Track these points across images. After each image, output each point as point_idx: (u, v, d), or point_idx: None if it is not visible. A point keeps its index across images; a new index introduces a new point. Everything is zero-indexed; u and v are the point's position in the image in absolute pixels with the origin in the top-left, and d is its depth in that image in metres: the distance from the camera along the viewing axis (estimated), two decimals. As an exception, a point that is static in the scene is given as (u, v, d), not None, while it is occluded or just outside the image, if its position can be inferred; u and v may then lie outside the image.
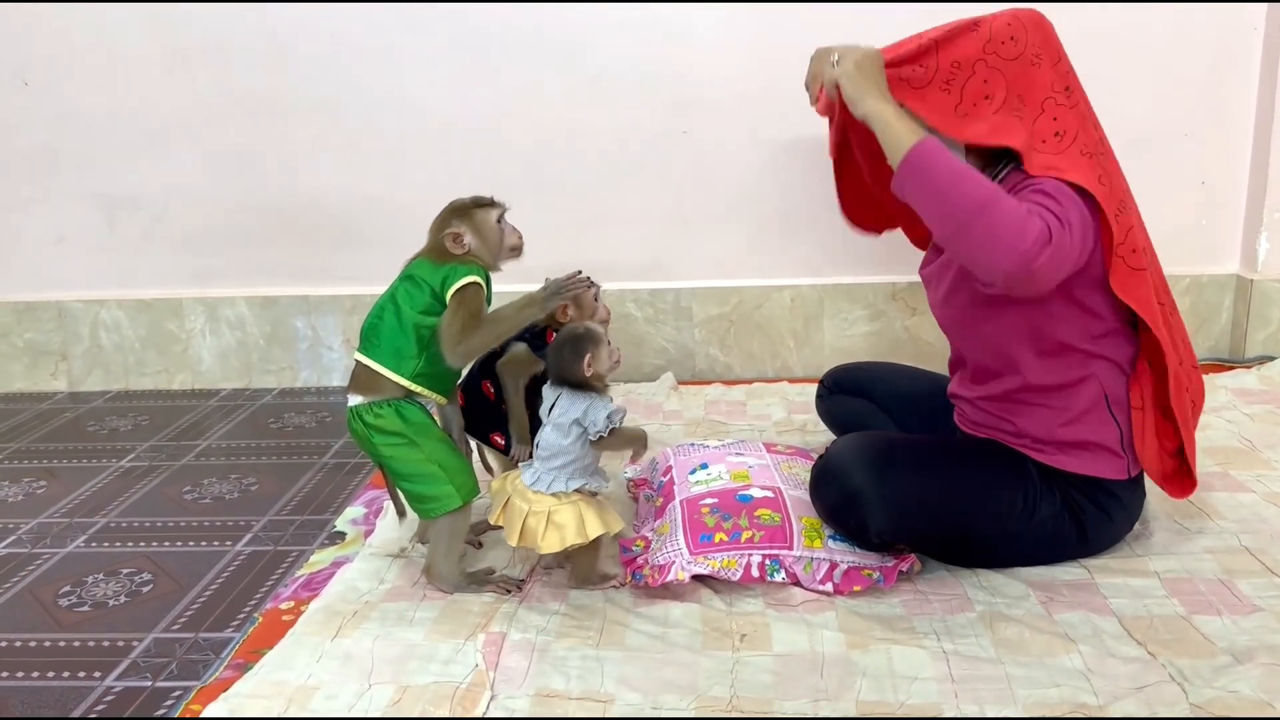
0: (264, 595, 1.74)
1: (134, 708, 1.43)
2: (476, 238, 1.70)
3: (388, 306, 1.66)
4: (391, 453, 1.64)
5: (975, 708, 1.31)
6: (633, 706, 1.34)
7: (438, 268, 1.65)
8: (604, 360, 1.63)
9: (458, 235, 1.67)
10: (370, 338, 1.67)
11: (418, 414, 1.65)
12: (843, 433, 2.12)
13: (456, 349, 1.63)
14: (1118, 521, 1.67)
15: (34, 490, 2.27)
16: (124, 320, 3.01)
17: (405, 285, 1.67)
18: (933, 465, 1.63)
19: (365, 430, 1.64)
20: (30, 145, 2.91)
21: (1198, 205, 2.82)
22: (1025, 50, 1.53)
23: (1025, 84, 1.53)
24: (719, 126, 2.78)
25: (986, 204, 1.38)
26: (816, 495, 1.67)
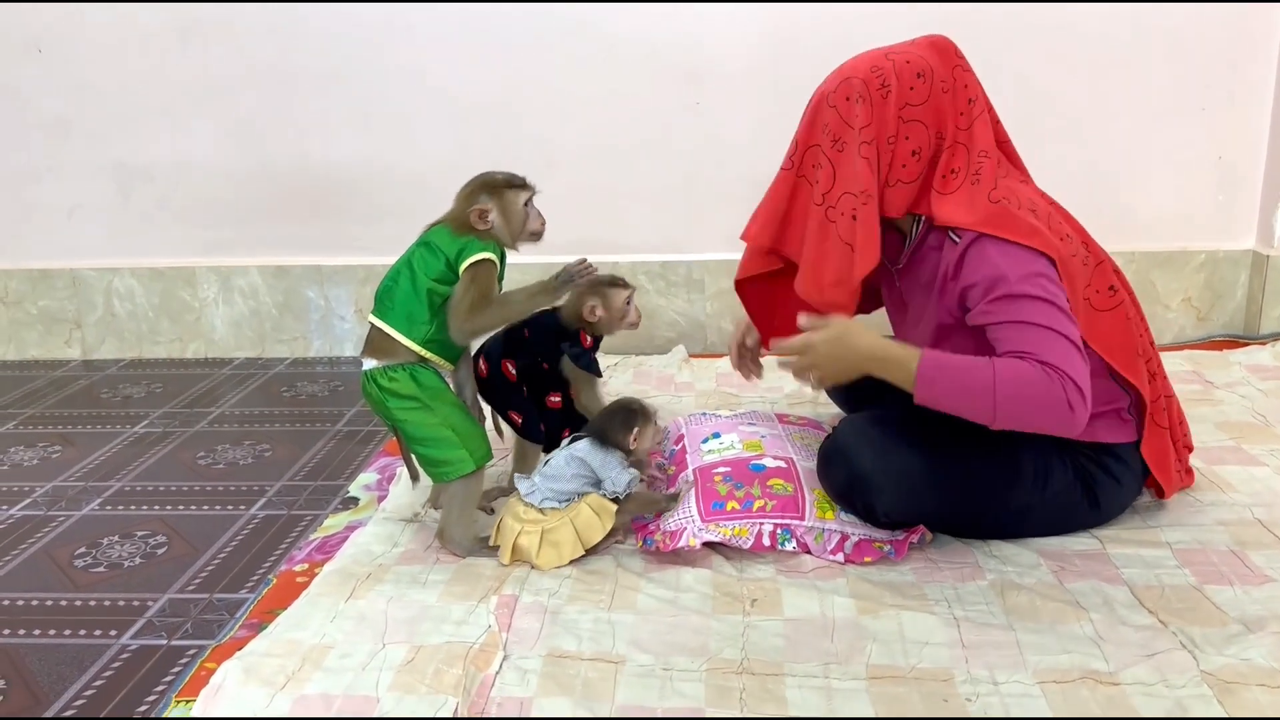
0: (278, 558, 1.76)
1: (149, 665, 1.44)
2: (501, 217, 1.69)
3: (403, 271, 1.67)
4: (405, 416, 1.65)
5: (986, 673, 1.31)
6: (644, 668, 1.35)
7: (455, 238, 1.65)
8: (647, 439, 1.71)
9: (484, 211, 1.66)
10: (384, 301, 1.67)
11: (432, 378, 1.65)
12: (853, 407, 2.12)
13: (464, 326, 1.64)
14: (1126, 486, 1.66)
15: (49, 455, 2.29)
16: (137, 289, 3.02)
17: (422, 251, 1.67)
18: (941, 443, 1.61)
19: (379, 394, 1.65)
20: (44, 115, 2.91)
21: (1214, 181, 2.80)
22: (934, 87, 1.51)
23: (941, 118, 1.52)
24: (731, 98, 2.77)
25: (1008, 403, 1.40)
26: (824, 477, 1.67)
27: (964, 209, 1.49)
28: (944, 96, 1.51)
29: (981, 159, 1.52)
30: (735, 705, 1.27)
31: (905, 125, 1.50)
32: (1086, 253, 1.55)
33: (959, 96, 1.52)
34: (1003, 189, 1.51)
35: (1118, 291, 1.56)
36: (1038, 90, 2.72)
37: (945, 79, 1.51)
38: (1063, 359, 1.40)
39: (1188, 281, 2.85)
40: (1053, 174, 2.75)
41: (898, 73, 1.50)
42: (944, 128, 1.52)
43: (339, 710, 1.27)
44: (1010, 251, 1.46)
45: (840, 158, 1.52)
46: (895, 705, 1.26)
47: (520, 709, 1.27)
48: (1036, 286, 1.44)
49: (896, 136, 1.50)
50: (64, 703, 1.36)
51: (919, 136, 1.51)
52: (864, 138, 1.49)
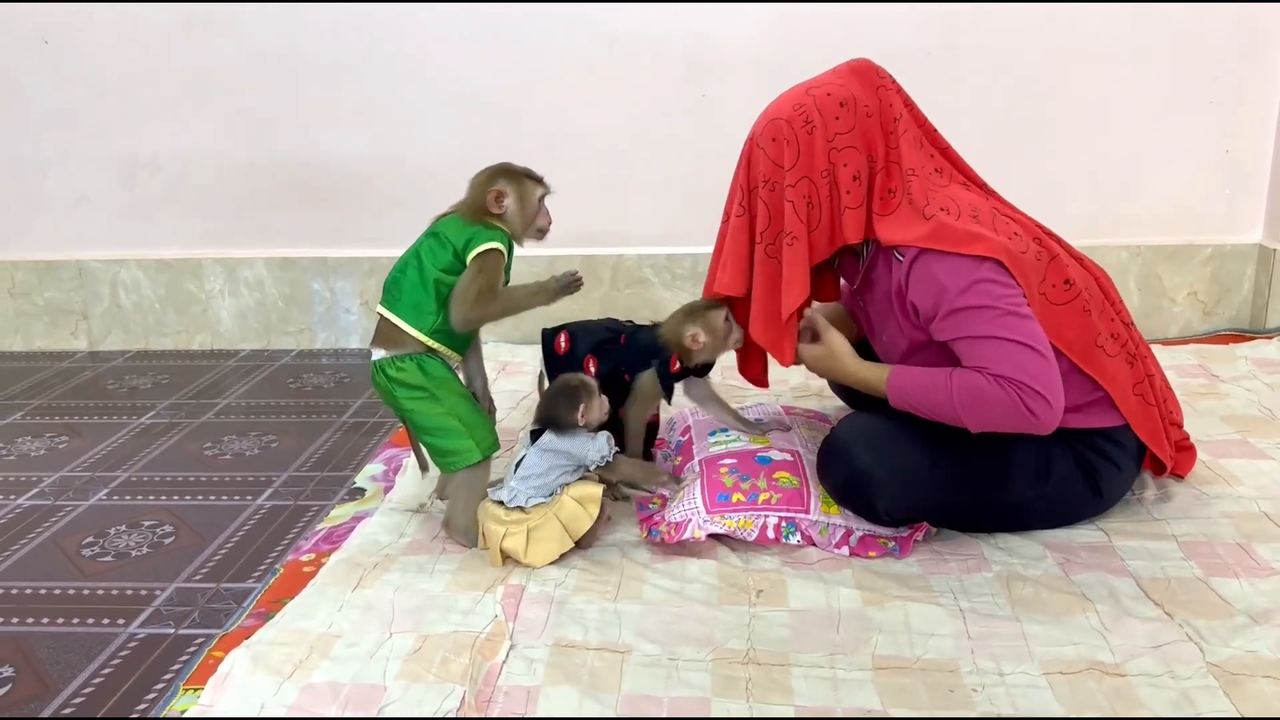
0: (285, 548, 1.76)
1: (157, 654, 1.45)
2: (516, 204, 1.69)
3: (411, 262, 1.67)
4: (413, 406, 1.65)
5: (992, 664, 1.32)
6: (650, 658, 1.35)
7: (465, 227, 1.65)
8: (595, 411, 1.67)
9: (501, 194, 1.67)
10: (392, 291, 1.68)
11: (439, 369, 1.66)
12: (855, 403, 2.12)
13: (467, 315, 1.64)
14: (1126, 470, 1.66)
15: (56, 445, 2.30)
16: (144, 280, 3.02)
17: (430, 241, 1.67)
18: (939, 438, 1.61)
19: (388, 383, 1.65)
20: (50, 105, 2.92)
21: (1221, 175, 2.80)
22: (858, 112, 1.54)
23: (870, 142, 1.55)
24: (736, 91, 2.76)
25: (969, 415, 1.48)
26: (823, 477, 1.66)
27: (902, 227, 1.53)
28: (869, 121, 1.55)
29: (910, 177, 1.56)
30: (741, 695, 1.27)
31: (838, 154, 1.55)
32: (1040, 248, 1.55)
33: (885, 117, 1.56)
34: (939, 200, 1.55)
35: (1073, 285, 1.56)
36: (1044, 84, 2.71)
37: (868, 103, 1.55)
38: (1015, 368, 1.44)
39: (1194, 275, 2.84)
40: (1060, 168, 2.77)
41: (819, 106, 1.55)
42: (874, 151, 1.56)
43: (347, 698, 1.28)
44: (951, 263, 1.49)
45: (772, 198, 1.59)
46: (901, 696, 1.26)
47: (527, 698, 1.27)
48: (981, 295, 1.46)
49: (832, 166, 1.55)
50: (72, 690, 1.37)
51: (856, 162, 1.55)
52: (791, 179, 1.56)
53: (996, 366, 1.44)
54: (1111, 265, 2.79)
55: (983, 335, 1.46)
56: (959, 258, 1.48)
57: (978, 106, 2.70)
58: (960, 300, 1.47)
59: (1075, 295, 1.56)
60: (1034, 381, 1.43)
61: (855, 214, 1.57)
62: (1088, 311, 1.57)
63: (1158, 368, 1.70)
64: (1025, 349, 1.44)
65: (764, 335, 1.67)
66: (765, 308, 1.65)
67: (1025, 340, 1.45)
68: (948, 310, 1.49)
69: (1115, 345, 1.60)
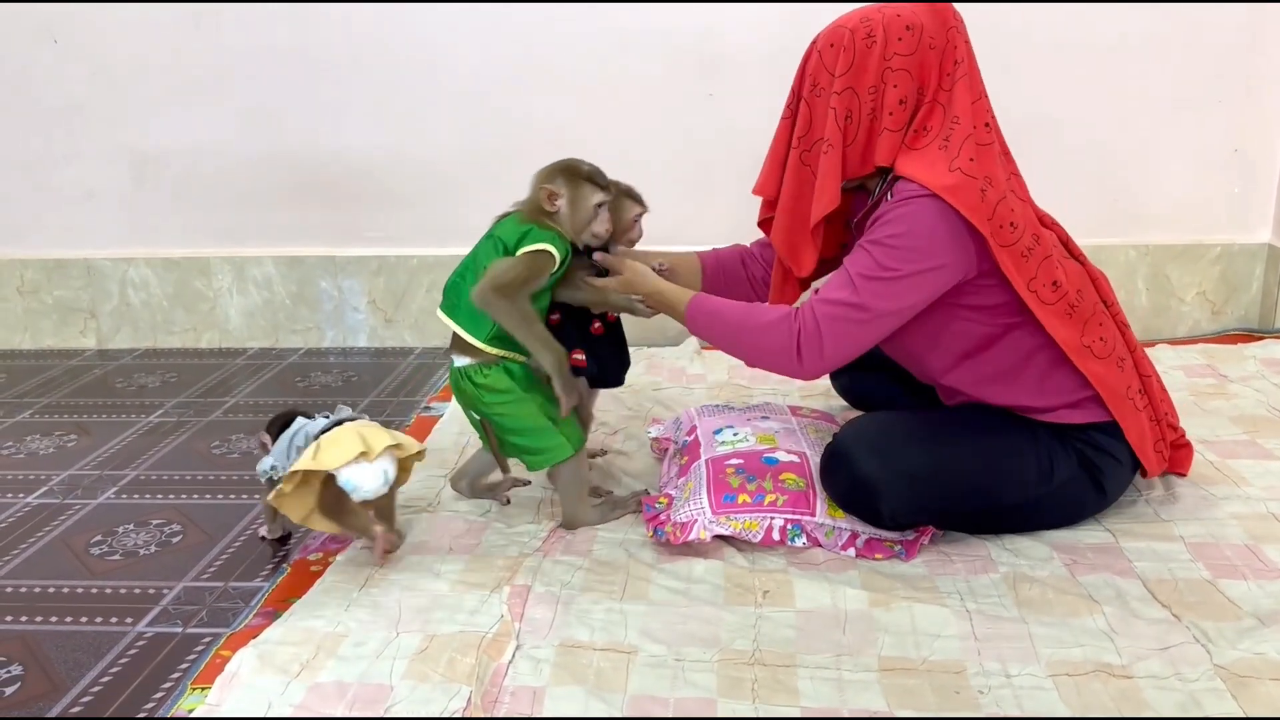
0: (293, 547, 1.76)
1: (165, 653, 1.45)
2: (569, 206, 1.66)
3: (470, 266, 1.66)
4: (504, 410, 1.66)
5: (998, 665, 1.31)
6: (656, 658, 1.35)
7: (519, 225, 1.63)
8: None
9: (554, 194, 1.64)
10: (450, 296, 1.68)
11: (522, 370, 1.66)
12: (860, 406, 2.12)
13: (486, 293, 1.58)
14: (1126, 464, 1.65)
15: (65, 443, 2.30)
16: (152, 278, 3.03)
17: (487, 244, 1.66)
18: (942, 441, 1.61)
19: (475, 390, 1.66)
20: (59, 102, 2.92)
21: (1230, 174, 2.78)
22: (921, 41, 1.52)
23: (924, 73, 1.53)
24: (744, 89, 2.76)
25: (744, 340, 1.61)
26: (826, 483, 1.65)
27: (925, 168, 1.50)
28: (930, 53, 1.52)
29: (953, 124, 1.52)
30: (747, 696, 1.27)
31: (891, 74, 1.51)
32: (1034, 243, 1.53)
33: (945, 56, 1.53)
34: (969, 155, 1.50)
35: (1059, 287, 1.55)
36: (1053, 83, 2.70)
37: (935, 36, 1.52)
38: (833, 313, 1.51)
39: (1203, 275, 2.83)
40: (1067, 167, 2.76)
41: (886, 24, 1.52)
42: (926, 83, 1.53)
43: (353, 697, 1.28)
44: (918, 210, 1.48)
45: (815, 103, 1.57)
46: (907, 697, 1.26)
47: (533, 698, 1.28)
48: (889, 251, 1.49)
49: (881, 85, 1.52)
50: (81, 689, 1.38)
51: (905, 87, 1.52)
52: (838, 86, 1.53)
53: (817, 296, 1.53)
54: (1119, 264, 2.79)
55: (856, 273, 1.51)
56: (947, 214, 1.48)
57: (986, 105, 2.70)
58: (883, 238, 1.50)
59: (1061, 297, 1.55)
60: (829, 324, 1.51)
61: (893, 137, 1.54)
62: (1070, 314, 1.56)
63: (1153, 370, 1.69)
64: (856, 311, 1.50)
65: (785, 242, 1.66)
66: (792, 214, 1.63)
67: (870, 306, 1.50)
68: (869, 239, 1.52)
69: (1104, 348, 1.59)
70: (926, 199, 1.47)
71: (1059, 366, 1.58)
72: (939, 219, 1.48)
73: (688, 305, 1.65)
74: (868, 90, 1.52)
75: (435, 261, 2.93)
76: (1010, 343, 1.59)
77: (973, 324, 1.59)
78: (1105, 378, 1.59)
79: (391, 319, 3.03)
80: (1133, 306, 2.84)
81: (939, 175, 1.48)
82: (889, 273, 1.49)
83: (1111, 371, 1.59)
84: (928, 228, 1.48)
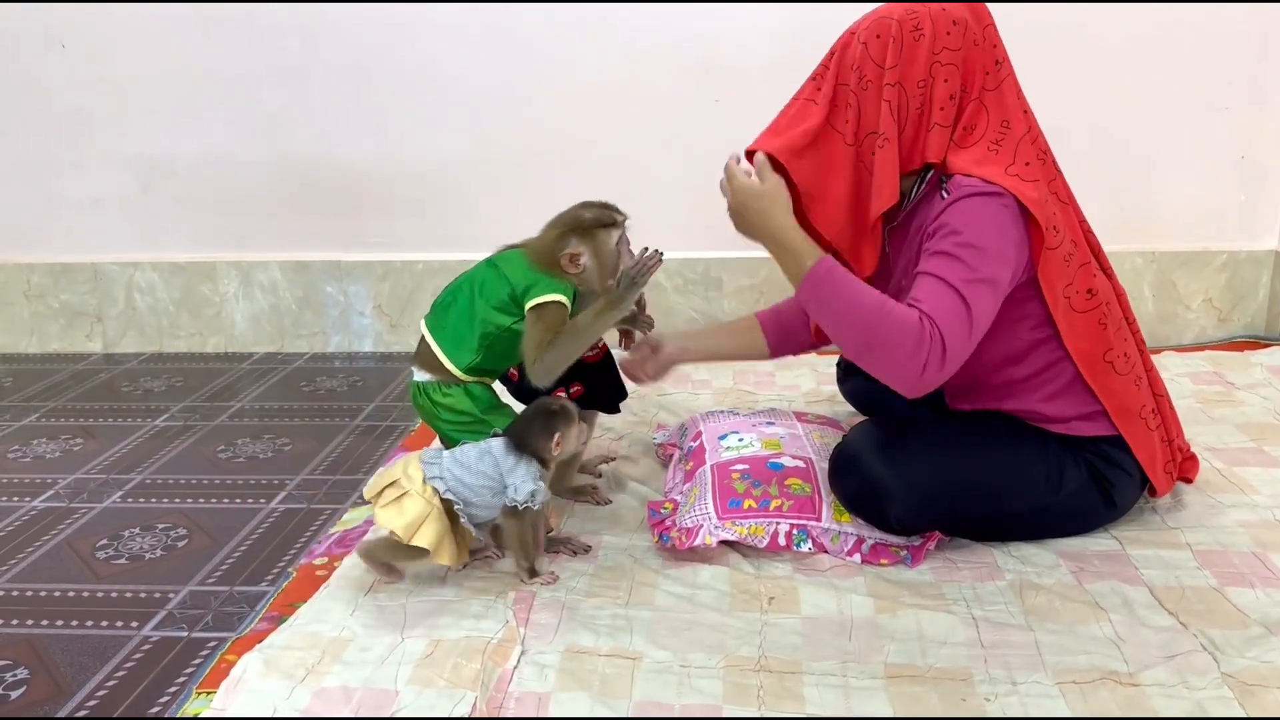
0: (298, 551, 1.77)
1: (171, 657, 1.45)
2: (594, 260, 1.64)
3: (464, 289, 1.64)
4: (461, 431, 1.65)
5: (1005, 673, 1.31)
6: (661, 664, 1.35)
7: (529, 270, 1.61)
8: (571, 442, 1.56)
9: (576, 256, 1.62)
10: (439, 313, 1.66)
11: (485, 393, 1.65)
12: (867, 411, 2.11)
13: (536, 367, 1.58)
14: (1134, 477, 1.64)
15: (71, 447, 2.31)
16: (158, 283, 3.04)
17: (488, 272, 1.64)
18: (952, 448, 1.61)
19: (434, 407, 1.65)
20: (66, 108, 2.94)
21: (1237, 180, 2.78)
22: (967, 37, 1.50)
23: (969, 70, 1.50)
24: (749, 95, 2.75)
25: (873, 334, 1.41)
26: (834, 485, 1.65)
27: (980, 166, 1.48)
28: (975, 50, 1.50)
29: (1004, 130, 1.51)
30: (753, 703, 1.27)
31: (940, 68, 1.48)
32: (1073, 249, 1.52)
33: (988, 54, 1.51)
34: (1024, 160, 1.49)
35: (1095, 295, 1.54)
36: (1059, 88, 2.70)
37: (977, 35, 1.50)
38: (953, 325, 1.39)
39: (1209, 282, 2.83)
40: (1074, 173, 2.74)
41: (933, 18, 1.49)
42: (971, 81, 1.50)
43: (359, 702, 1.28)
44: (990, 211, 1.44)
45: (865, 96, 1.52)
46: (913, 704, 1.26)
47: (538, 704, 1.27)
48: (979, 253, 1.42)
49: (930, 80, 1.49)
50: (86, 693, 1.38)
51: (954, 81, 1.49)
52: (890, 79, 1.49)
53: (936, 315, 1.40)
54: (1126, 271, 2.79)
55: (950, 283, 1.42)
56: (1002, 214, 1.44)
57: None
58: (961, 245, 1.43)
59: (1095, 306, 1.54)
60: (951, 348, 1.39)
61: (942, 133, 1.50)
62: (1103, 325, 1.55)
63: (1164, 390, 1.69)
64: (967, 317, 1.41)
65: (847, 238, 1.57)
66: (851, 210, 1.56)
67: (975, 313, 1.42)
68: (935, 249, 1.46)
69: (1126, 364, 1.58)
70: (993, 196, 1.44)
71: (1079, 380, 1.57)
72: (1008, 218, 1.45)
73: (816, 262, 1.47)
74: (916, 84, 1.49)
75: (441, 266, 2.94)
76: (1039, 354, 1.57)
77: (1012, 334, 1.56)
78: (1122, 394, 1.57)
79: (397, 324, 3.03)
80: (1139, 313, 2.80)
81: (997, 176, 1.46)
82: (985, 275, 1.43)
83: (1129, 389, 1.58)
84: (1000, 226, 1.44)
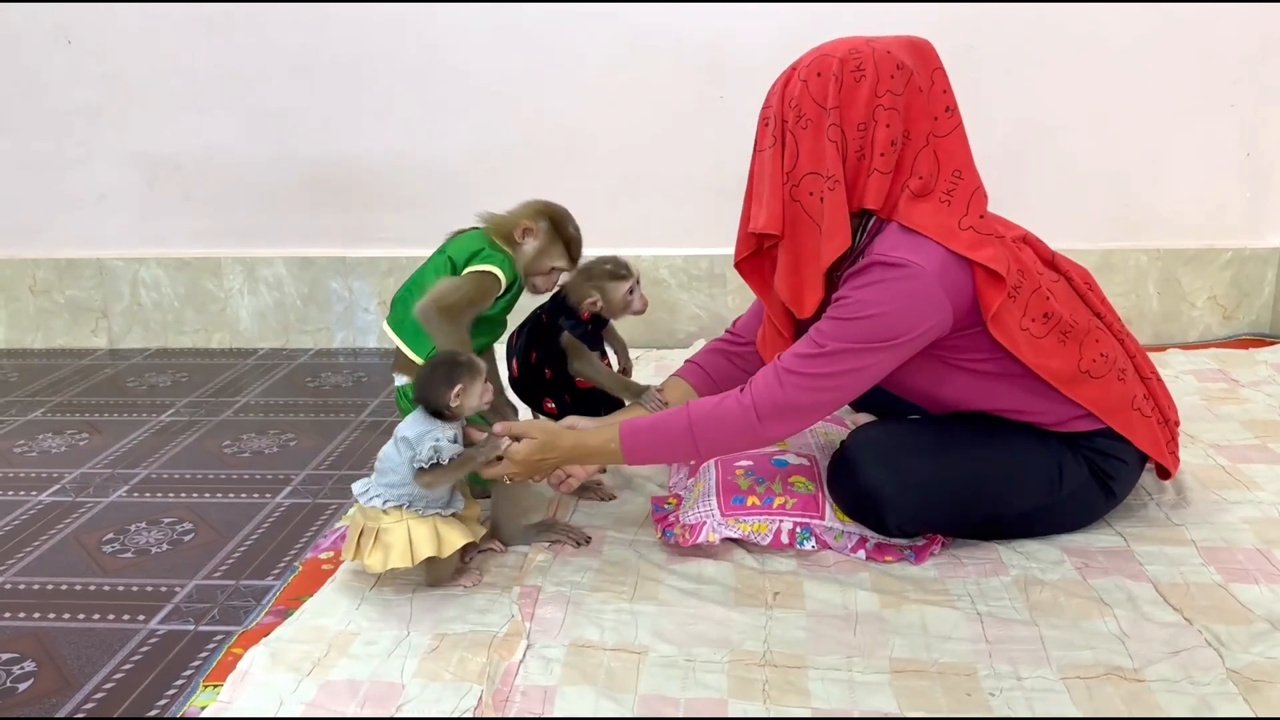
0: (303, 546, 1.77)
1: (177, 650, 1.46)
2: (535, 250, 1.68)
3: (418, 281, 1.65)
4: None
5: (1009, 668, 1.31)
6: (667, 658, 1.35)
7: (474, 242, 1.63)
8: (474, 397, 1.50)
9: (529, 230, 1.65)
10: (398, 310, 1.67)
11: None
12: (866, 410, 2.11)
13: (430, 311, 1.56)
14: (1133, 464, 1.64)
15: (77, 442, 2.31)
16: (163, 279, 3.04)
17: (437, 257, 1.66)
18: (950, 452, 1.60)
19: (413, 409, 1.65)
20: (72, 104, 2.94)
21: (1241, 178, 2.78)
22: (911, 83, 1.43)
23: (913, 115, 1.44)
24: (755, 93, 2.74)
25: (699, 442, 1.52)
26: (833, 491, 1.65)
27: (934, 219, 1.42)
28: (919, 96, 1.42)
29: (955, 180, 1.44)
30: (758, 696, 1.27)
31: (883, 112, 1.41)
32: (1020, 279, 1.46)
33: (934, 101, 1.44)
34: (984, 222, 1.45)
35: (1050, 317, 1.49)
36: (1064, 87, 2.70)
37: (923, 82, 1.43)
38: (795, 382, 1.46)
39: (1214, 279, 2.83)
40: (1079, 171, 2.76)
41: (876, 60, 1.41)
42: (916, 128, 1.43)
43: (365, 696, 1.29)
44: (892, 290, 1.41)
45: (804, 135, 1.44)
46: (918, 699, 1.26)
47: (544, 697, 1.28)
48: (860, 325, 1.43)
49: (870, 123, 1.41)
50: (93, 685, 1.38)
51: (896, 127, 1.42)
52: (832, 119, 1.42)
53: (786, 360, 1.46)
54: (1131, 269, 2.79)
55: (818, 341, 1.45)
56: None
57: (996, 109, 2.69)
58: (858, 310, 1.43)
59: (1053, 327, 1.50)
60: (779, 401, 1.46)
61: (882, 179, 1.43)
62: (1065, 341, 1.51)
63: (1153, 370, 1.66)
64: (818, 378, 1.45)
65: (788, 284, 1.51)
66: (794, 254, 1.49)
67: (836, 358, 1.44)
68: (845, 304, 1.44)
69: (1104, 365, 1.55)
70: (915, 267, 1.39)
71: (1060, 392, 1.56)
72: (933, 285, 1.40)
73: (619, 438, 1.54)
74: (856, 127, 1.42)
75: (445, 263, 2.94)
76: (1015, 373, 1.53)
77: (974, 370, 1.54)
78: (1106, 396, 1.55)
79: (401, 320, 3.03)
80: (1144, 311, 2.84)
81: (950, 232, 1.41)
82: (867, 345, 1.43)
83: (1112, 388, 1.56)
84: (913, 298, 1.41)
